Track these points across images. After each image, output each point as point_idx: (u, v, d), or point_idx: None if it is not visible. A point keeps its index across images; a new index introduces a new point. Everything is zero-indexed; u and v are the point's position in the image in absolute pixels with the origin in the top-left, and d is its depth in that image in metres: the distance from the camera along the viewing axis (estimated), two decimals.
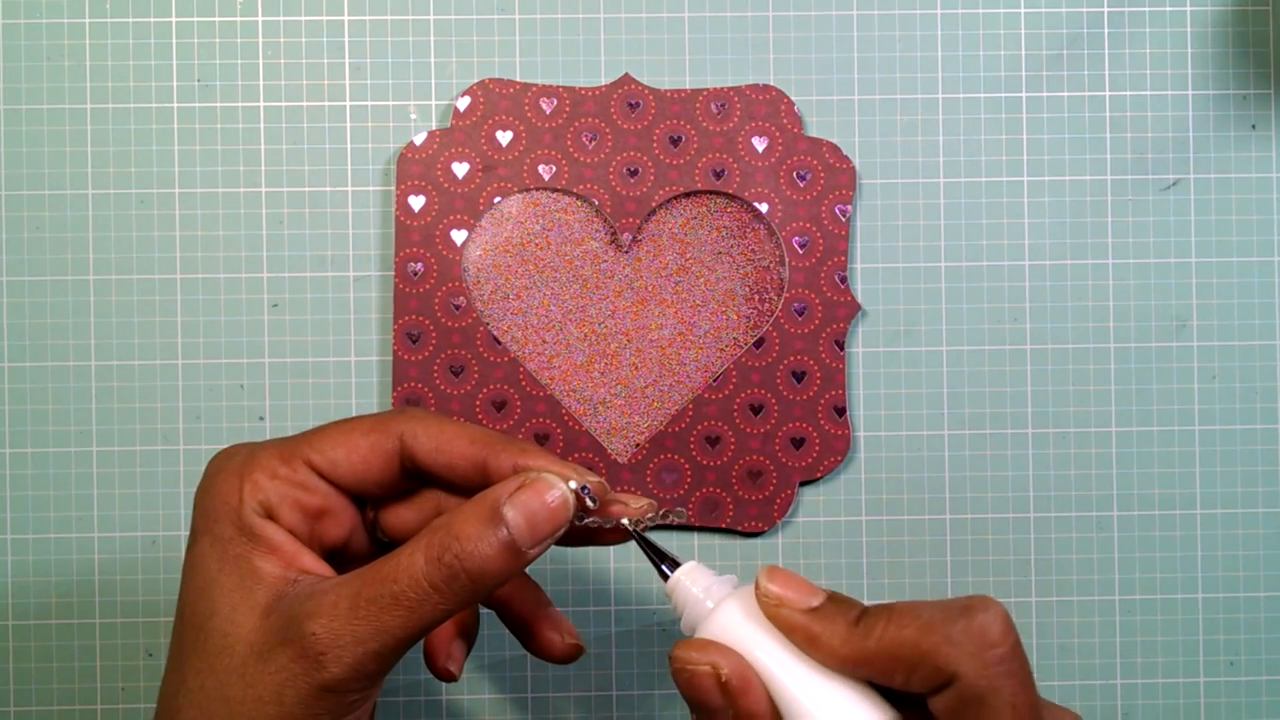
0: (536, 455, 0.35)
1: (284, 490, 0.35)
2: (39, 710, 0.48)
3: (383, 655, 0.32)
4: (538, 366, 0.49)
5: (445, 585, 0.32)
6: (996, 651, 0.31)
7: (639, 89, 0.49)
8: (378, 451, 0.36)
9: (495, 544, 0.33)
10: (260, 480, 0.35)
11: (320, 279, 0.49)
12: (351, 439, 0.36)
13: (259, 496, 0.35)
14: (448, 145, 0.49)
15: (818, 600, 0.33)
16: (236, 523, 0.34)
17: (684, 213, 0.50)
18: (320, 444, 0.36)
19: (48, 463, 0.49)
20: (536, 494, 0.33)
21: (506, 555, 0.33)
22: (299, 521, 0.35)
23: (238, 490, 0.35)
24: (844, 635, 0.32)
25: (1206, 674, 0.50)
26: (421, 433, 0.36)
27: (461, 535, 0.33)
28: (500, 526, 0.33)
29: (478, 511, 0.33)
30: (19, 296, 0.49)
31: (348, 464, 0.36)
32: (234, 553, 0.34)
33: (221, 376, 0.49)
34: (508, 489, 0.33)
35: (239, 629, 0.33)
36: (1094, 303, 0.50)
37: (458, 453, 0.35)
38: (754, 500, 0.49)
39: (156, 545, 0.49)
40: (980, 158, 0.50)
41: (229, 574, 0.34)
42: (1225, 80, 0.50)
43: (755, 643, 0.33)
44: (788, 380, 0.49)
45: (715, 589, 0.35)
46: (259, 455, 0.36)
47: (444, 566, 0.32)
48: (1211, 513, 0.50)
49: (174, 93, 0.49)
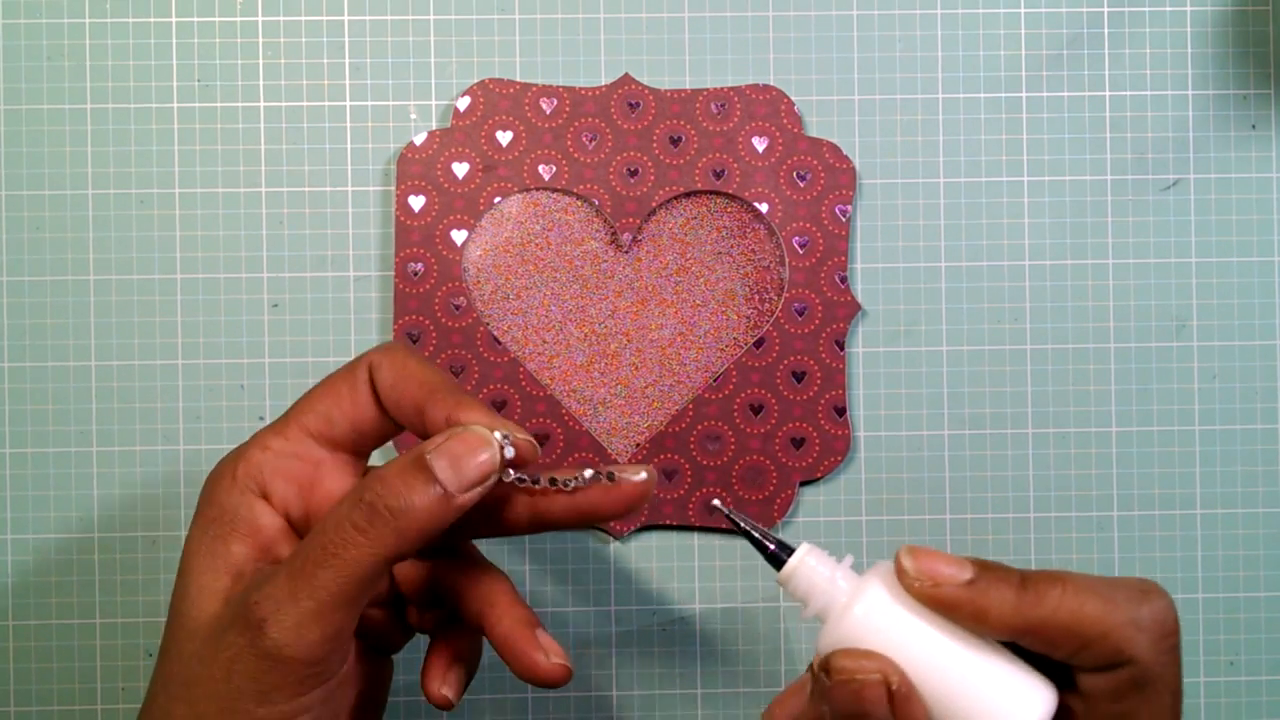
0: (472, 409, 0.34)
1: (275, 462, 0.35)
2: (39, 710, 0.48)
3: (321, 613, 0.32)
4: (538, 366, 0.49)
5: (367, 524, 0.32)
6: (1171, 640, 0.31)
7: (639, 89, 0.49)
8: (356, 390, 0.36)
9: (417, 484, 0.32)
10: (253, 455, 0.35)
11: (320, 279, 0.49)
12: (332, 387, 0.36)
13: (250, 472, 0.35)
14: (448, 145, 0.49)
15: (970, 572, 0.32)
16: (221, 503, 0.35)
17: (684, 213, 0.50)
18: (309, 405, 0.36)
19: (48, 463, 0.49)
20: (461, 440, 0.33)
21: (431, 497, 0.32)
22: (292, 493, 0.35)
23: (230, 469, 0.35)
24: (1014, 603, 0.31)
25: (1206, 674, 0.50)
26: (386, 367, 0.35)
27: (384, 477, 0.33)
28: (425, 470, 0.32)
29: (401, 461, 0.33)
30: (19, 296, 0.49)
31: (338, 413, 0.36)
32: (212, 533, 0.35)
33: (221, 376, 0.49)
34: (434, 441, 0.33)
35: (202, 613, 0.33)
36: (1094, 303, 0.50)
37: (406, 394, 0.35)
38: (754, 500, 0.49)
39: (156, 545, 0.49)
40: (980, 158, 0.50)
41: (203, 557, 0.34)
42: (1225, 80, 0.50)
43: (910, 628, 0.32)
44: (788, 380, 0.49)
45: (842, 574, 0.34)
46: (257, 434, 0.36)
47: (364, 505, 0.32)
48: (1211, 513, 0.50)
49: (174, 93, 0.49)
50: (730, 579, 0.49)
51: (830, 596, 0.33)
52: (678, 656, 0.49)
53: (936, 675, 0.32)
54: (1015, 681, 0.31)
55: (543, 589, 0.49)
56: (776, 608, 0.49)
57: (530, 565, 0.49)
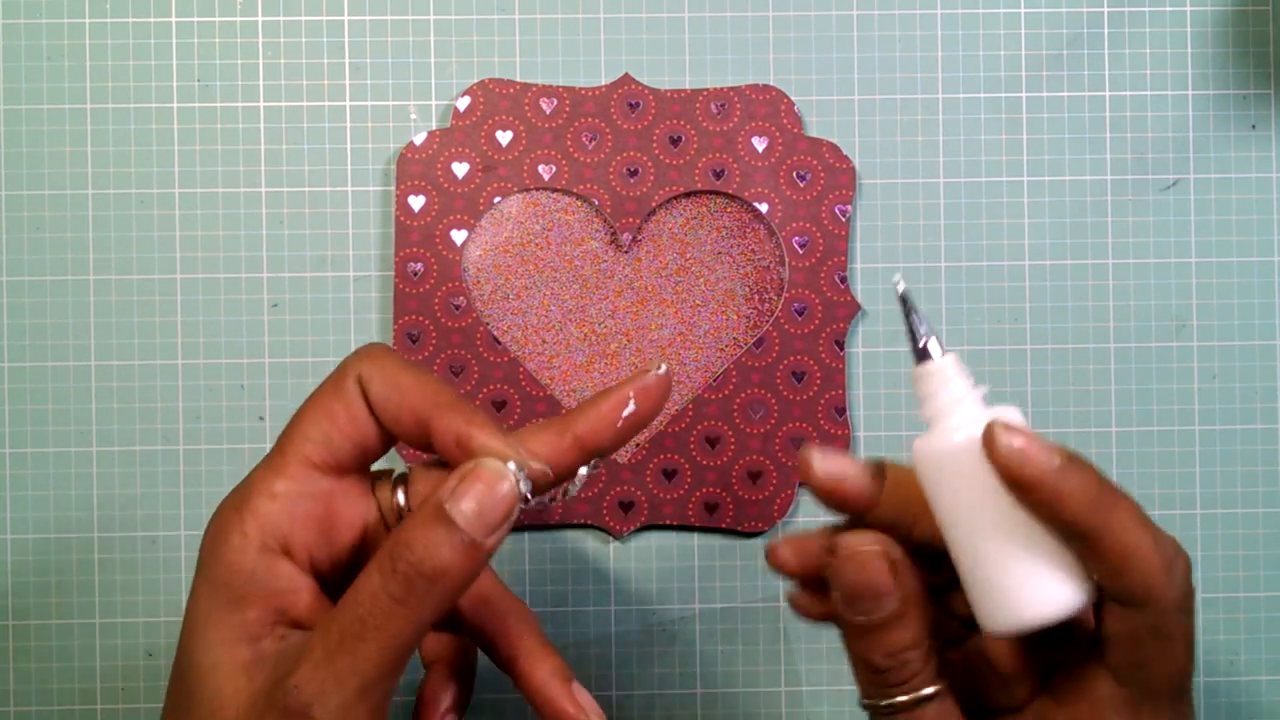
0: (480, 425, 0.33)
1: (289, 509, 0.33)
2: (39, 710, 0.48)
3: (366, 690, 0.30)
4: (538, 366, 0.49)
5: (405, 594, 0.31)
6: (1191, 601, 0.32)
7: (639, 89, 0.49)
8: (353, 408, 0.34)
9: (446, 540, 0.31)
10: (261, 506, 0.33)
11: (320, 279, 0.49)
12: (323, 407, 0.34)
13: (266, 527, 0.33)
14: (448, 145, 0.49)
15: (1059, 460, 0.31)
16: (233, 565, 0.32)
17: (684, 213, 0.50)
18: (301, 432, 0.34)
19: (48, 463, 0.49)
20: (479, 481, 0.31)
21: (461, 549, 0.31)
22: (312, 538, 0.34)
23: (238, 526, 0.33)
24: (1095, 496, 0.31)
25: (1206, 674, 0.50)
26: (377, 376, 0.34)
27: (411, 540, 0.31)
28: (447, 522, 0.31)
29: (423, 514, 0.31)
30: (19, 296, 0.49)
31: (339, 436, 0.34)
32: (223, 600, 0.32)
33: (221, 376, 0.49)
34: (449, 486, 0.31)
35: (222, 691, 0.32)
36: (1094, 303, 0.50)
37: (406, 407, 0.33)
38: (754, 500, 0.49)
39: (156, 545, 0.49)
40: (980, 158, 0.50)
41: (216, 625, 0.32)
42: (1225, 80, 0.50)
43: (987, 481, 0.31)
44: (788, 380, 0.49)
45: (972, 398, 0.33)
46: (253, 481, 0.34)
47: (399, 575, 0.31)
48: (1211, 513, 0.50)
49: (174, 93, 0.49)
50: (730, 579, 0.49)
51: (946, 412, 0.32)
52: (677, 656, 0.49)
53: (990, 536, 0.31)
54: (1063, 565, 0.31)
55: (542, 589, 0.49)
56: (776, 608, 0.49)
57: (530, 565, 0.49)
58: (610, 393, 0.35)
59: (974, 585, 0.32)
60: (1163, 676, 0.32)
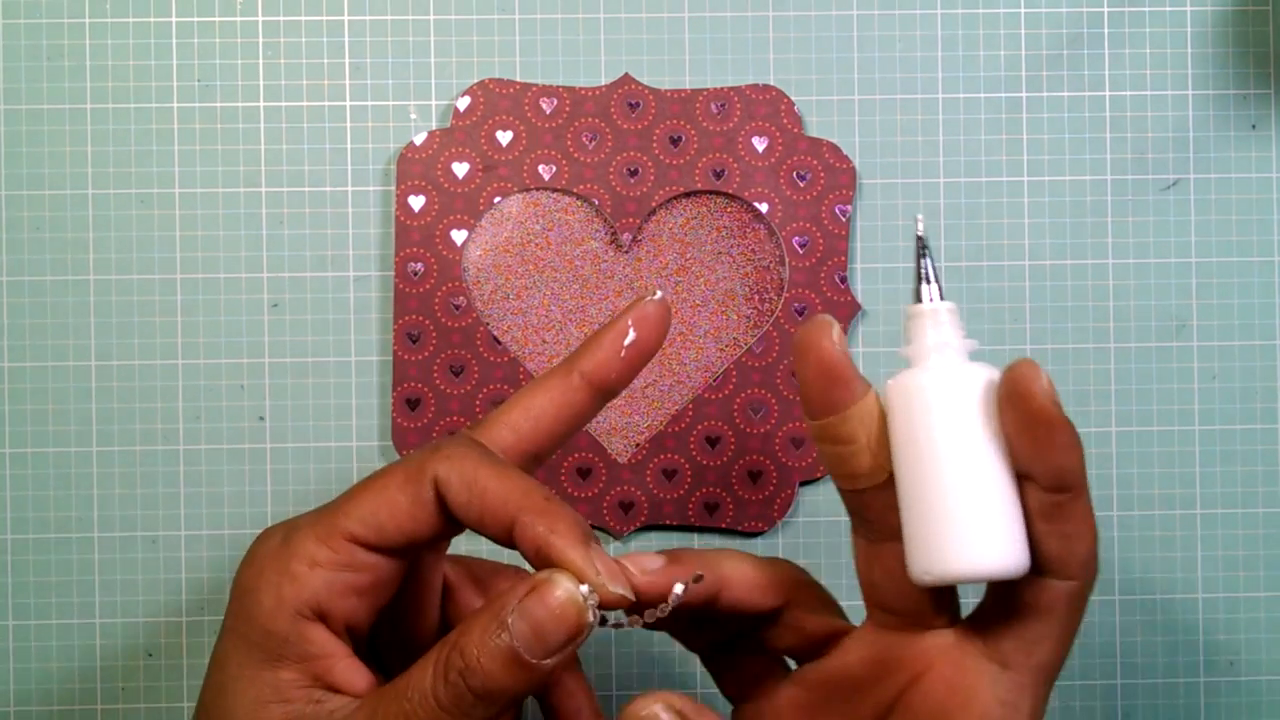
0: (563, 534, 0.31)
1: (329, 577, 0.32)
2: (39, 710, 0.48)
3: None
4: (538, 366, 0.49)
5: (453, 705, 0.30)
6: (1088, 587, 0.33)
7: (639, 89, 0.49)
8: (418, 502, 0.33)
9: (500, 657, 0.30)
10: (299, 573, 0.32)
11: (320, 279, 0.49)
12: (388, 495, 0.33)
13: (302, 595, 0.32)
14: (448, 145, 0.49)
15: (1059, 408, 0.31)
16: (266, 626, 0.32)
17: (684, 213, 0.50)
18: (358, 510, 0.33)
19: (48, 463, 0.49)
20: (544, 600, 0.30)
21: (514, 669, 0.30)
22: (354, 606, 0.33)
23: (273, 588, 0.32)
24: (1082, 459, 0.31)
25: (1206, 674, 0.50)
26: (455, 479, 0.32)
27: (466, 649, 0.30)
28: (505, 635, 0.30)
29: (483, 621, 0.30)
30: (19, 296, 0.49)
31: (392, 522, 0.33)
32: (257, 659, 0.32)
33: (221, 376, 0.49)
34: (515, 595, 0.30)
35: None
36: (1094, 303, 0.50)
37: (488, 510, 0.32)
38: (754, 500, 0.49)
39: (156, 545, 0.49)
40: (980, 158, 0.50)
41: (249, 682, 0.32)
42: (1225, 80, 0.50)
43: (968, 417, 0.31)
44: (788, 380, 0.49)
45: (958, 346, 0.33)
46: (295, 541, 0.33)
47: (450, 685, 0.30)
48: (1211, 513, 0.50)
49: (174, 93, 0.49)
50: None
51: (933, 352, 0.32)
52: (677, 657, 0.49)
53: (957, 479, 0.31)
54: (1015, 528, 0.31)
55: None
56: None
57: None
58: (609, 325, 0.35)
59: (921, 527, 0.31)
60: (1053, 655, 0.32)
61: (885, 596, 0.34)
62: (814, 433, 0.33)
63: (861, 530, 0.34)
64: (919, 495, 0.31)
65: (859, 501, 0.33)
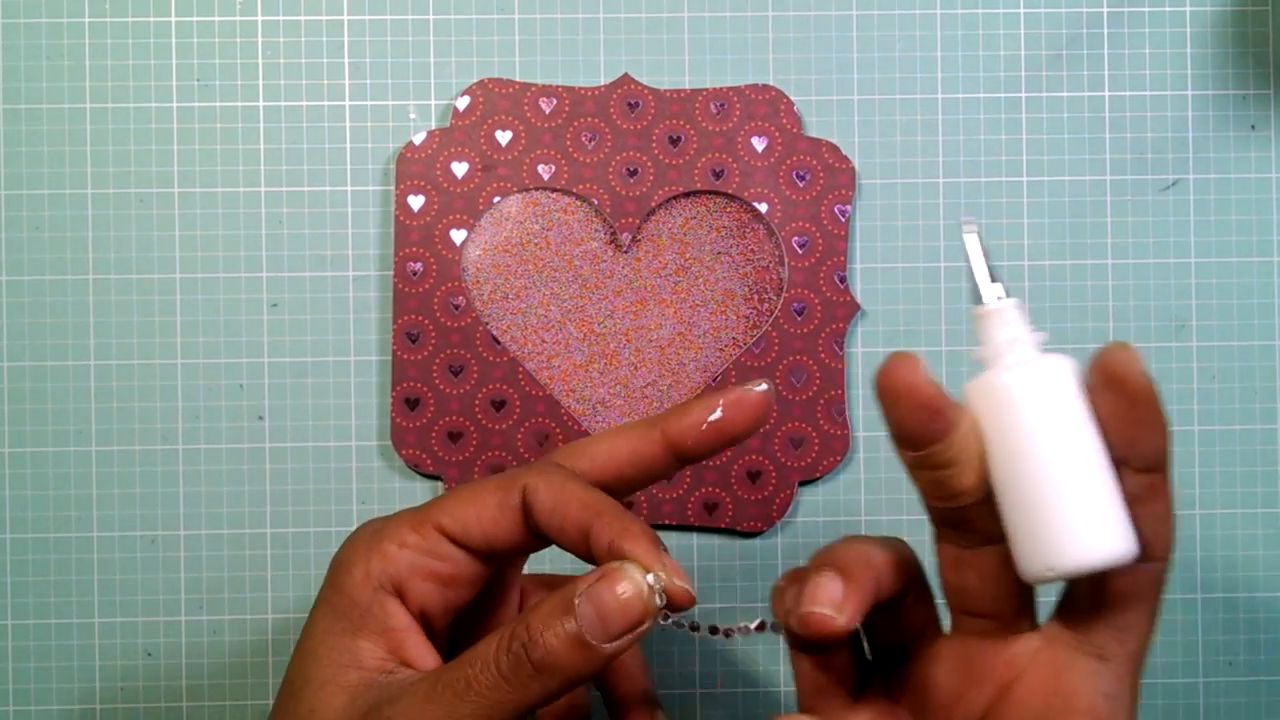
0: (636, 539, 0.33)
1: (414, 559, 0.34)
2: (39, 710, 0.48)
3: None
4: (537, 366, 0.49)
5: (511, 674, 0.31)
6: None
7: (639, 89, 0.49)
8: (505, 508, 0.35)
9: (563, 635, 0.31)
10: (389, 550, 0.35)
11: (320, 279, 0.49)
12: (479, 497, 0.35)
13: (388, 570, 0.34)
14: (447, 145, 0.49)
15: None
16: (353, 596, 0.34)
17: (683, 213, 0.50)
18: (450, 507, 0.35)
19: (48, 463, 0.49)
20: (610, 584, 0.32)
21: (575, 648, 0.31)
22: (431, 590, 0.35)
23: (364, 561, 0.35)
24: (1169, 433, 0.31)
25: (1206, 674, 0.50)
26: (543, 489, 0.34)
27: (533, 624, 0.32)
28: (570, 617, 0.31)
29: (553, 602, 0.32)
30: (19, 296, 0.49)
31: (477, 523, 0.35)
32: (341, 626, 0.34)
33: (221, 376, 0.49)
34: (588, 580, 0.32)
35: (326, 707, 0.33)
36: (1094, 303, 0.50)
37: (569, 516, 0.34)
38: (753, 500, 0.49)
39: (156, 545, 0.49)
40: (980, 158, 0.50)
41: (331, 648, 0.34)
42: (1225, 80, 0.50)
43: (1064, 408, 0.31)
44: (787, 380, 0.49)
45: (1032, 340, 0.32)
46: (390, 525, 0.35)
47: (511, 654, 0.31)
48: (1211, 513, 0.50)
49: (174, 93, 0.49)
50: (730, 579, 0.49)
51: (1007, 350, 0.32)
52: (677, 656, 0.49)
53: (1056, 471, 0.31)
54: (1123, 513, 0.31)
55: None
56: None
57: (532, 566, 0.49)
58: (706, 396, 0.35)
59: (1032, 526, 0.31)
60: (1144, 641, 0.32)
61: (978, 601, 0.33)
62: (912, 463, 0.32)
63: (953, 539, 0.33)
64: (1026, 495, 0.31)
65: (957, 515, 0.33)
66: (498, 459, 0.49)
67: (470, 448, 0.49)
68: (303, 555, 0.49)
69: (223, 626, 0.49)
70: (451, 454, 0.49)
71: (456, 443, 0.49)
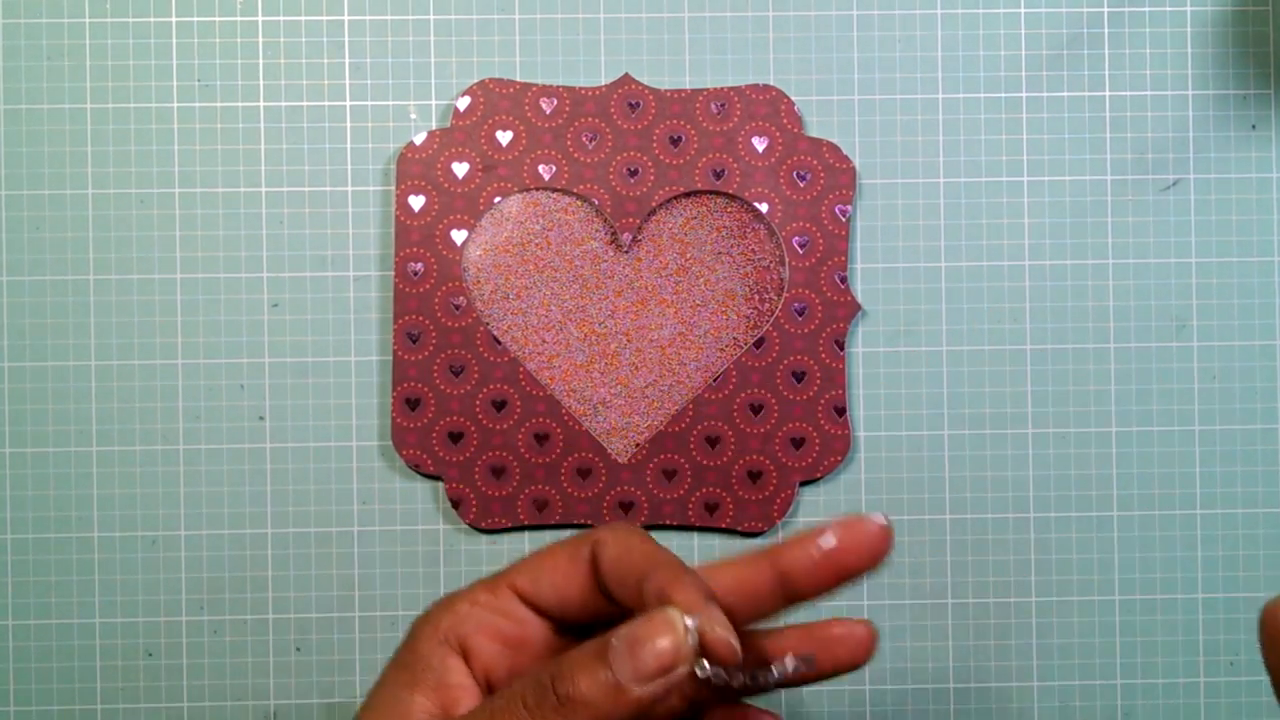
0: (686, 585, 0.32)
1: (483, 616, 0.35)
2: (39, 710, 0.48)
3: None
4: (538, 366, 0.49)
5: (535, 704, 0.31)
6: None
7: (639, 89, 0.49)
8: (575, 560, 0.35)
9: (592, 673, 0.31)
10: (460, 608, 0.35)
11: (320, 279, 0.49)
12: (552, 552, 0.35)
13: (456, 626, 0.35)
14: (448, 145, 0.49)
15: None
16: (419, 650, 0.34)
17: (684, 213, 0.50)
18: (524, 566, 0.35)
19: (48, 463, 0.49)
20: (646, 625, 0.31)
21: (603, 688, 0.30)
22: (497, 653, 0.35)
23: (437, 619, 0.35)
24: None
25: (1206, 674, 0.50)
26: (611, 542, 0.34)
27: (564, 660, 0.31)
28: (603, 658, 0.31)
29: (591, 644, 0.31)
30: (19, 296, 0.49)
31: (549, 580, 0.35)
32: (403, 679, 0.34)
33: (221, 376, 0.49)
34: (626, 626, 0.31)
35: None
36: (1094, 303, 0.50)
37: (631, 565, 0.33)
38: (754, 500, 0.49)
39: (156, 545, 0.49)
40: (980, 158, 0.50)
41: (386, 699, 0.34)
42: (1225, 80, 0.50)
43: None
44: (788, 380, 0.49)
45: None
46: (468, 588, 0.36)
47: (538, 685, 0.31)
48: (1211, 513, 0.50)
49: (174, 93, 0.49)
50: None
51: None
52: None
53: None
54: None
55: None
56: None
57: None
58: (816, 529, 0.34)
59: None
60: None
61: None
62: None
63: None
64: None
65: None
66: (498, 459, 0.49)
67: (471, 448, 0.49)
68: (303, 555, 0.49)
69: (223, 626, 0.49)
70: (452, 454, 0.49)
71: (457, 443, 0.49)
